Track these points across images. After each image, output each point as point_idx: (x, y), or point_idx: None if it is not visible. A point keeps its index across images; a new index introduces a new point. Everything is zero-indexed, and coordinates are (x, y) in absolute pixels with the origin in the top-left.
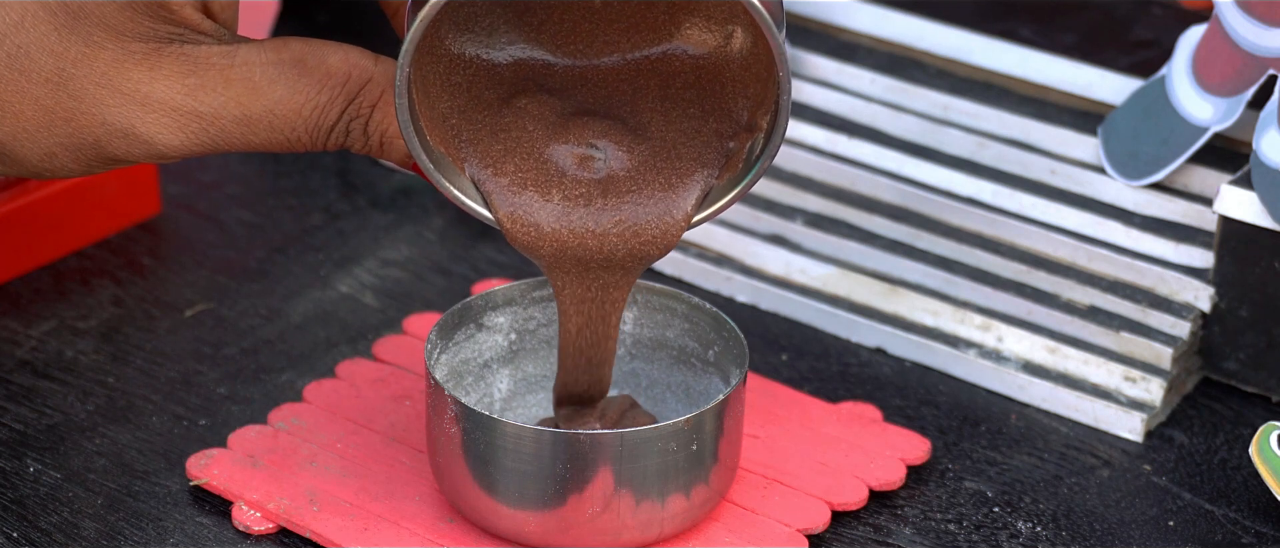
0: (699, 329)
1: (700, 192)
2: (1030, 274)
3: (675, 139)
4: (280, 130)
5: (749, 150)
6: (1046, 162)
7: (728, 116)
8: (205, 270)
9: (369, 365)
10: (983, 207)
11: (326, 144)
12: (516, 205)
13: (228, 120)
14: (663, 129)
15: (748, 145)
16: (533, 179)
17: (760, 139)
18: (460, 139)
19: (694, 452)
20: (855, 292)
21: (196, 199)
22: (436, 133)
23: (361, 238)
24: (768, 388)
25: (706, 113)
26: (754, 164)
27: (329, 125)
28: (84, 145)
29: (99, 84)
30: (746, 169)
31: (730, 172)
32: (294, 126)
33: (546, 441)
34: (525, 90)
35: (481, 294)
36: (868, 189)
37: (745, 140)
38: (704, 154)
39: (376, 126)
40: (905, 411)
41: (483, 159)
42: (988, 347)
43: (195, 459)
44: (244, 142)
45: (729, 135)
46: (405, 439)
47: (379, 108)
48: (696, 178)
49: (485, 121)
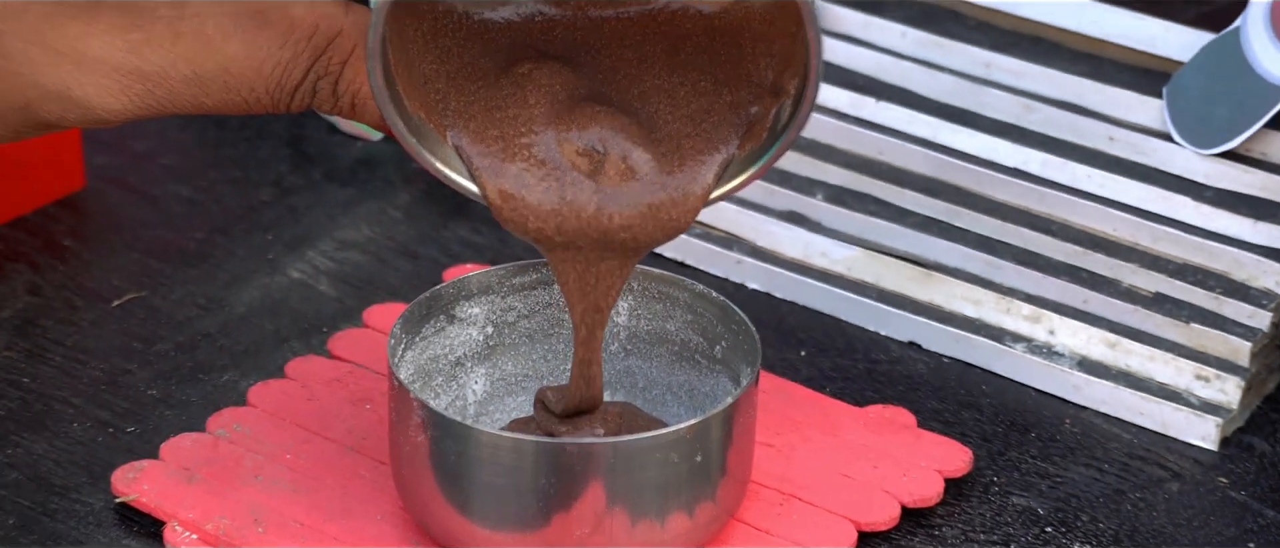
0: (704, 321)
1: (719, 165)
2: (1086, 257)
3: (689, 106)
4: (237, 90)
5: (774, 118)
6: (1104, 127)
7: (748, 80)
8: (135, 254)
9: (324, 364)
10: (1030, 179)
11: (291, 105)
12: (508, 180)
13: (177, 80)
14: (674, 95)
15: (773, 112)
16: (527, 152)
17: (787, 106)
18: (447, 107)
19: (698, 463)
20: (884, 277)
21: (126, 171)
22: (417, 97)
23: (316, 216)
24: (784, 389)
25: (723, 79)
26: (780, 135)
27: (293, 84)
28: (11, 109)
29: (29, 41)
30: (771, 140)
31: (752, 141)
32: (253, 86)
33: (528, 451)
34: (525, 56)
35: (453, 281)
36: (898, 159)
37: (770, 105)
38: (721, 123)
39: (348, 85)
40: (943, 415)
41: (473, 131)
42: (1037, 341)
43: (122, 473)
44: (195, 104)
45: (751, 100)
46: (365, 449)
47: (350, 64)
48: (714, 149)
49: (479, 93)
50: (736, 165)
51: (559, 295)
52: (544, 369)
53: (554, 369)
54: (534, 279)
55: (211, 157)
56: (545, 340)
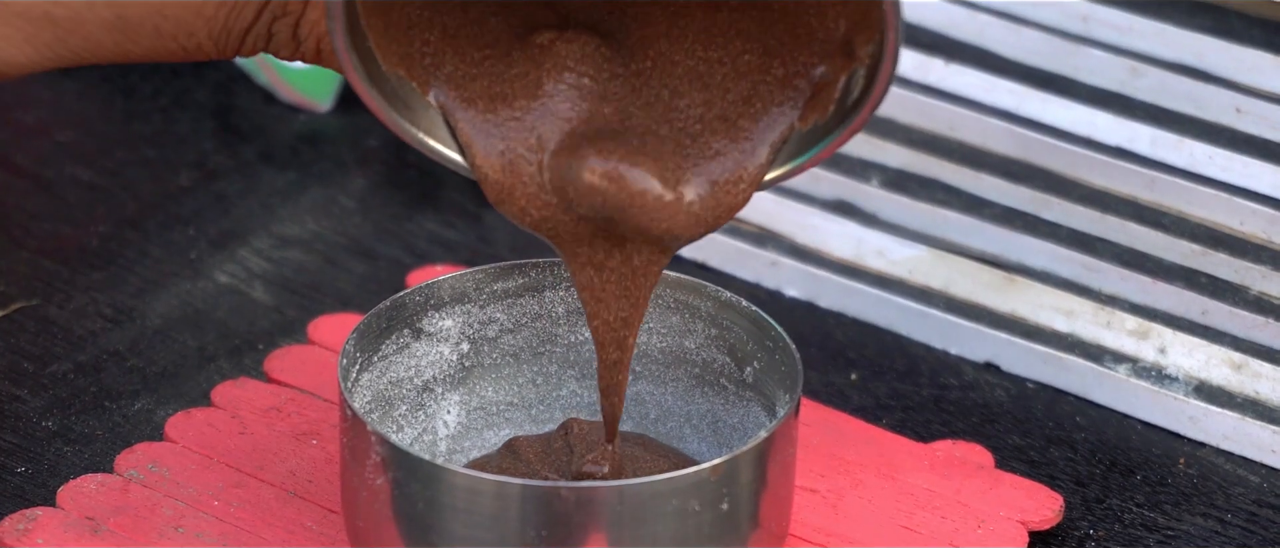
0: (732, 337)
1: (777, 137)
2: (1205, 258)
3: (738, 66)
4: (172, 36)
5: (844, 88)
6: (1229, 95)
7: (814, 33)
8: (25, 253)
9: (259, 389)
10: (1137, 160)
11: (240, 50)
12: (507, 151)
13: (95, 25)
14: (720, 56)
15: (841, 80)
16: (534, 122)
17: (860, 75)
18: (438, 66)
19: (725, 512)
20: (955, 283)
21: (13, 149)
22: (396, 48)
23: (249, 206)
24: (831, 421)
25: (782, 34)
26: (850, 113)
27: (242, 27)
28: None
29: None
30: (838, 118)
31: (816, 114)
32: (192, 30)
33: (513, 496)
34: (542, 16)
35: (420, 287)
36: (973, 136)
37: (840, 70)
38: (778, 85)
39: (312, 28)
40: (1027, 453)
41: (467, 95)
42: (1145, 361)
43: (10, 523)
44: (118, 51)
45: (817, 58)
46: (310, 494)
47: (315, 4)
48: (769, 117)
49: (484, 61)
50: (795, 142)
51: (551, 306)
52: (531, 396)
53: (544, 396)
54: (520, 284)
55: (119, 131)
56: (533, 361)
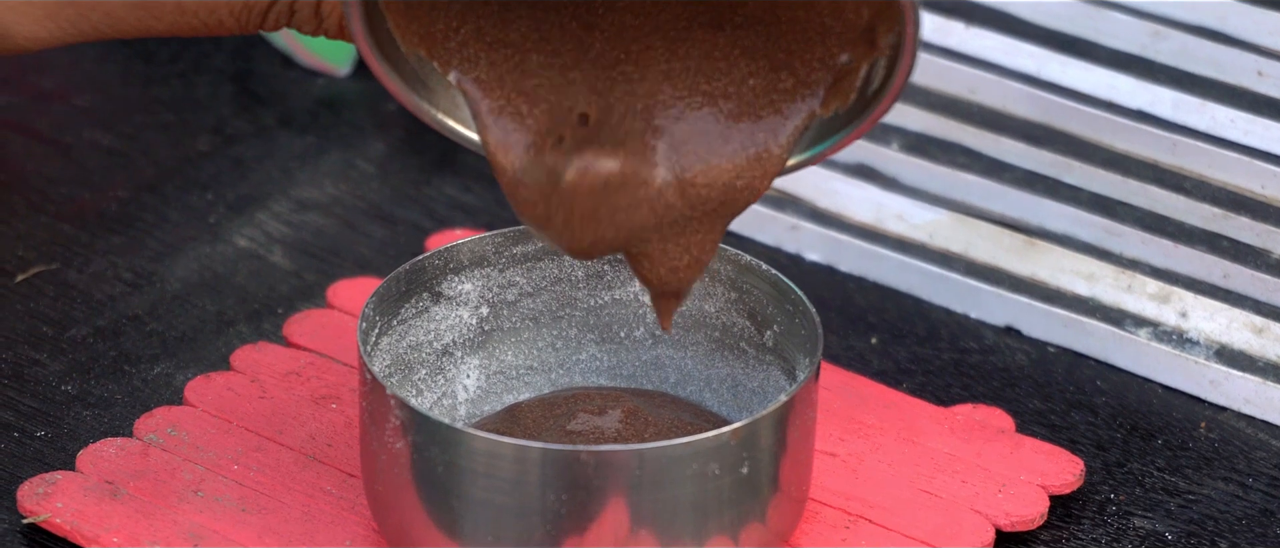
0: (752, 300)
1: (800, 120)
2: (1227, 221)
3: (768, 48)
4: (194, 12)
5: (866, 77)
6: (1251, 58)
7: (840, 17)
8: (44, 217)
9: (278, 353)
10: (1158, 124)
11: (263, 26)
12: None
13: (117, 3)
14: (718, 93)
15: (863, 69)
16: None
17: (880, 65)
18: (460, 53)
19: (744, 476)
20: (976, 247)
21: (32, 115)
22: (415, 30)
23: (268, 170)
24: (851, 385)
25: (808, 23)
26: (871, 102)
27: (263, 6)
28: None
29: None
30: (860, 106)
31: (838, 101)
32: (214, 7)
33: (533, 460)
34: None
35: (439, 251)
36: (994, 99)
37: (863, 57)
38: (805, 68)
39: (333, 6)
40: (1048, 417)
41: (490, 88)
42: (1166, 325)
43: (30, 487)
44: (140, 27)
45: (842, 45)
46: (330, 458)
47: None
48: (795, 100)
49: (507, 55)
50: (817, 129)
51: (570, 269)
52: (551, 359)
53: (563, 359)
54: (539, 248)
55: (137, 96)
56: (553, 324)
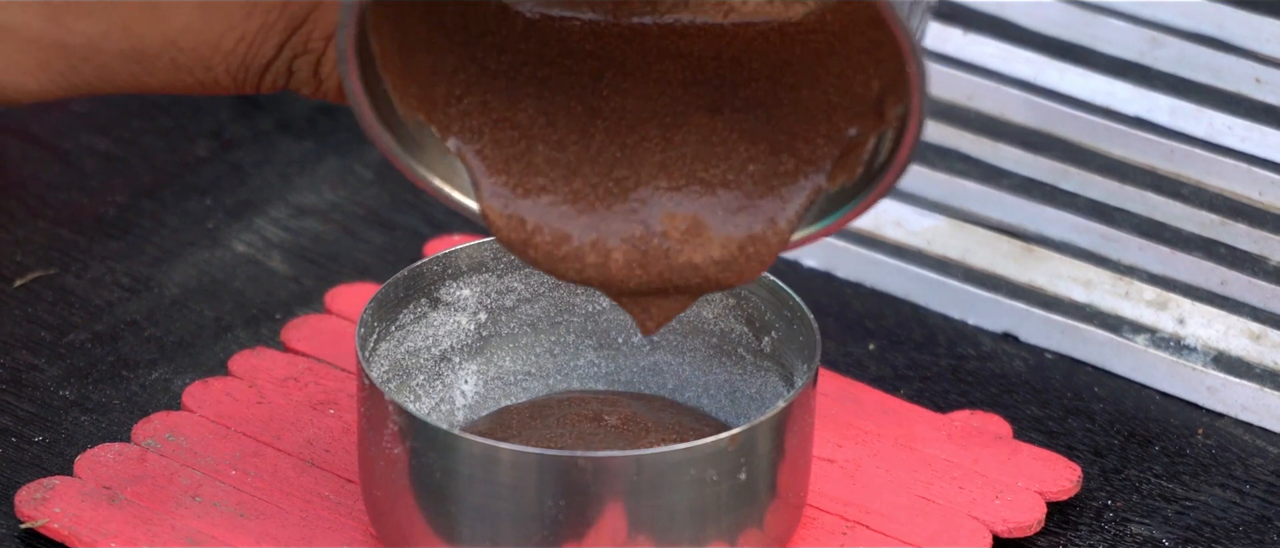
0: (749, 306)
1: (806, 197)
2: (1224, 228)
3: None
4: (190, 70)
5: (873, 150)
6: (1248, 65)
7: (849, 93)
8: (42, 222)
9: (276, 358)
10: (1156, 130)
11: (259, 87)
12: (522, 206)
13: (111, 55)
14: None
15: (871, 141)
16: (551, 176)
17: (888, 137)
18: (462, 122)
19: (742, 482)
20: (973, 253)
21: (28, 119)
22: (414, 93)
23: (266, 176)
24: (849, 391)
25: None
26: (878, 174)
27: (262, 63)
28: None
29: None
30: (867, 179)
31: (845, 174)
32: (210, 65)
33: (531, 466)
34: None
35: (438, 257)
36: (991, 106)
37: (871, 129)
38: (813, 144)
39: (332, 69)
40: (1045, 423)
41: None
42: (1164, 332)
43: (28, 493)
44: (135, 83)
45: (850, 120)
46: (328, 464)
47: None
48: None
49: (508, 130)
50: (823, 203)
51: None
52: (549, 365)
53: (562, 366)
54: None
55: (135, 101)
56: (551, 330)
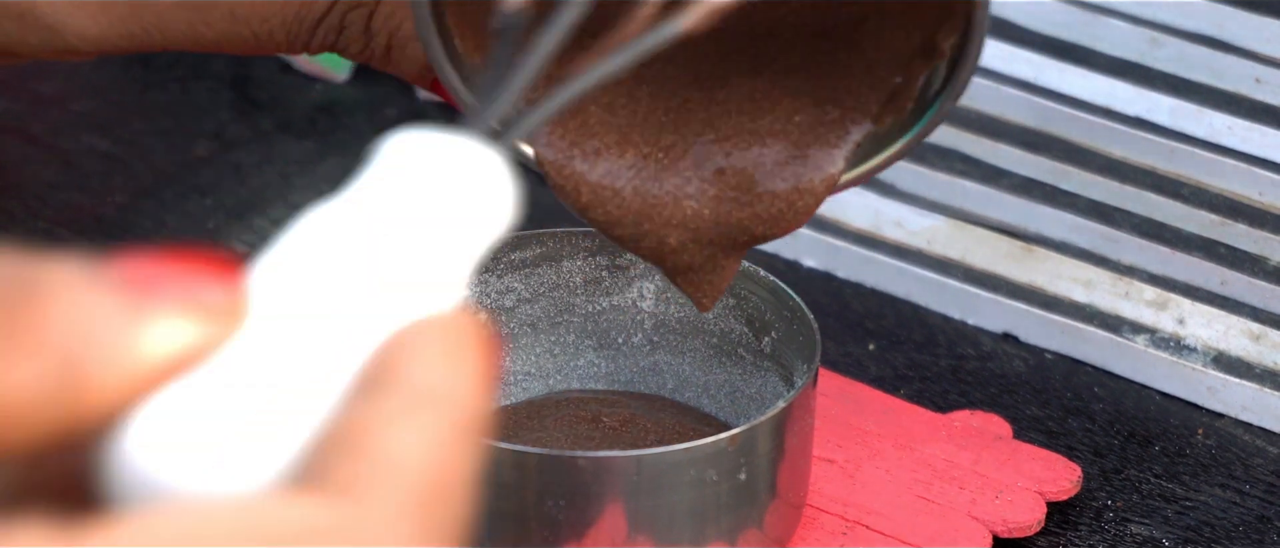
0: (749, 306)
1: (850, 146)
2: (1224, 228)
3: (815, 73)
4: (247, 21)
5: (924, 85)
6: (1248, 66)
7: (889, 51)
8: (41, 223)
9: None
10: (1156, 130)
11: (309, 46)
12: (578, 160)
13: (170, 3)
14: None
15: (921, 79)
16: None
17: (940, 69)
18: None
19: (742, 482)
20: (973, 253)
21: (28, 119)
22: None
23: (267, 176)
24: (848, 391)
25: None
26: (931, 103)
27: (315, 17)
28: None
29: None
30: (918, 112)
31: (893, 114)
32: (266, 17)
33: (530, 465)
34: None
35: None
36: (991, 105)
37: (919, 71)
38: (853, 98)
39: (384, 23)
40: (1045, 423)
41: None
42: (1164, 332)
43: None
44: (190, 36)
45: (891, 73)
46: None
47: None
48: (843, 127)
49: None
50: (870, 144)
51: (569, 275)
52: (549, 365)
53: (561, 366)
54: (537, 254)
55: (135, 101)
56: (552, 331)
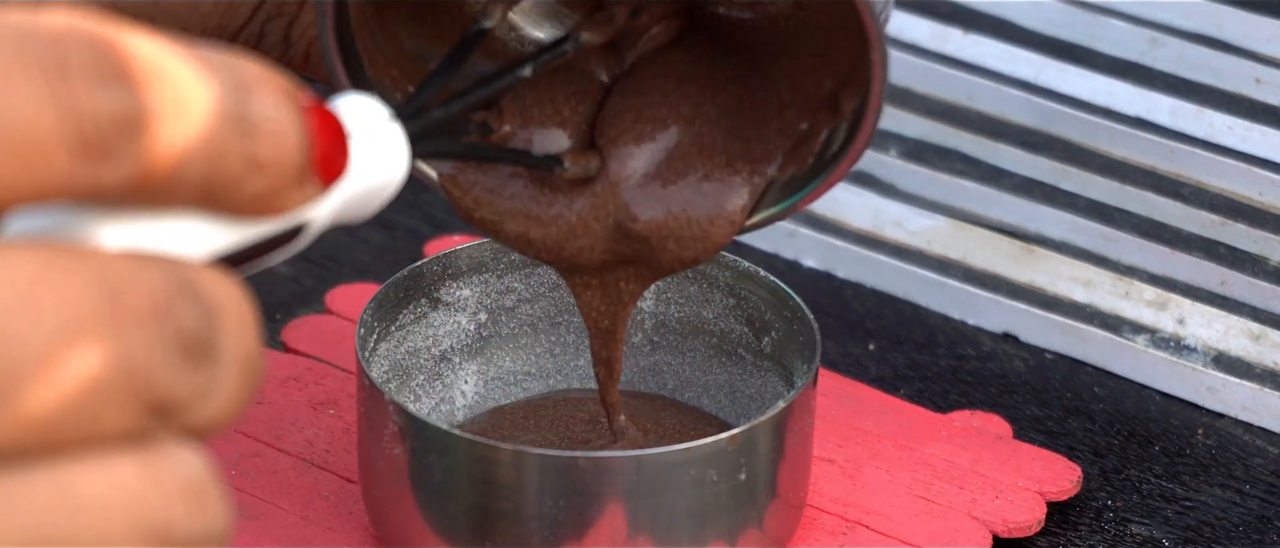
0: (750, 307)
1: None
2: (1224, 228)
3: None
4: (166, 28)
5: (825, 141)
6: (1249, 66)
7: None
8: None
9: (276, 359)
10: (1156, 130)
11: (235, 43)
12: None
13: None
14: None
15: (823, 134)
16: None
17: (842, 130)
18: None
19: (742, 482)
20: (973, 253)
21: None
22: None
23: None
24: (848, 391)
25: (771, 93)
26: (828, 164)
27: (236, 26)
28: None
29: None
30: (816, 169)
31: (795, 164)
32: (186, 26)
33: (532, 466)
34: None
35: (438, 257)
36: (992, 105)
37: (823, 124)
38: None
39: (303, 33)
40: (1045, 423)
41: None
42: (1164, 332)
43: None
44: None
45: (802, 115)
46: (328, 464)
47: (310, 7)
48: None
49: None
50: (773, 193)
51: None
52: (549, 366)
53: (562, 366)
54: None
55: None
56: (551, 330)
